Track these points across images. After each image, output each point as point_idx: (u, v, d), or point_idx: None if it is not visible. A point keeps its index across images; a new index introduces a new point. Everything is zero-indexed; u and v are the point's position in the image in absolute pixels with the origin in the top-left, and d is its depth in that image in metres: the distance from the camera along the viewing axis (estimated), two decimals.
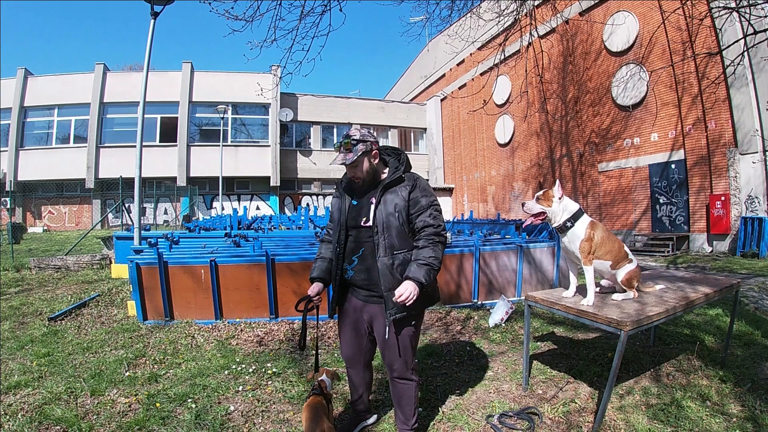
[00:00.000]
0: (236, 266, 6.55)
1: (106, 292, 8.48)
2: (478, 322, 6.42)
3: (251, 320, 6.48)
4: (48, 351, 5.34)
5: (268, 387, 4.30)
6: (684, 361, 4.54)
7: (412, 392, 3.08)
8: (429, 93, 31.99)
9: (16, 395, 4.12)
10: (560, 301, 3.74)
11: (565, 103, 19.86)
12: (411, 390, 3.08)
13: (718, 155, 13.88)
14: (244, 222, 13.86)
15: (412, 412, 3.10)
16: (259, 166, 26.90)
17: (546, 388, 4.20)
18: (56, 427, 3.51)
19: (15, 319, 6.88)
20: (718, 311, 6.24)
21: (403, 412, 3.10)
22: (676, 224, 15.43)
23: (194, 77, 26.48)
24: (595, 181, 18.45)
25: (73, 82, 25.56)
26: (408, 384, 3.07)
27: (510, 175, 23.86)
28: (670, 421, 3.43)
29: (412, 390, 3.08)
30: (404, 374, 3.05)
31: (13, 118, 25.07)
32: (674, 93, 15.01)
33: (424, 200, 2.90)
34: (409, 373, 3.06)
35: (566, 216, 3.59)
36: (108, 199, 25.03)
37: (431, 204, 2.92)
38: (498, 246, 7.69)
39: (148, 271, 6.41)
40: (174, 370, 4.75)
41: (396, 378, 3.07)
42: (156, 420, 3.61)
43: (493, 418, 3.57)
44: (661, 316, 3.42)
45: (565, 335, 5.71)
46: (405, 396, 3.08)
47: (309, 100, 28.92)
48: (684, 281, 4.29)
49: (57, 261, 11.64)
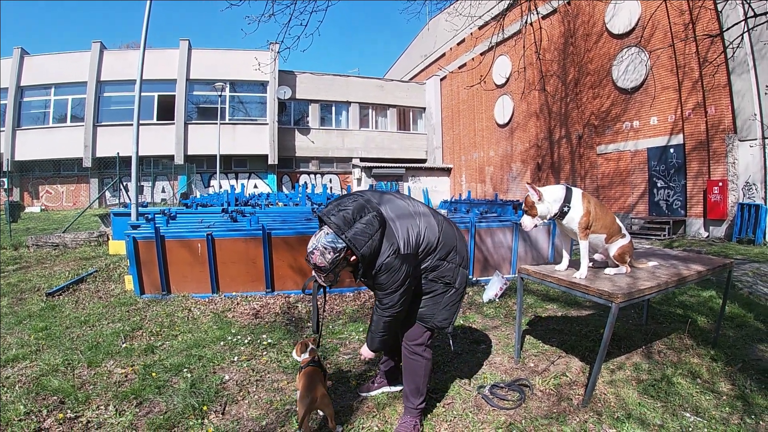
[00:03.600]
0: (233, 240, 6.58)
1: (103, 267, 8.53)
2: (472, 298, 6.47)
3: (247, 294, 6.54)
4: (46, 325, 5.39)
5: (263, 357, 4.36)
6: (676, 339, 4.59)
7: (421, 370, 3.07)
8: (429, 72, 31.72)
9: (14, 368, 4.16)
10: (552, 273, 3.77)
11: (565, 84, 19.74)
12: (419, 367, 3.07)
13: (717, 141, 13.82)
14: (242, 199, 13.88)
15: (418, 391, 3.09)
16: (257, 144, 26.83)
17: (538, 361, 4.25)
18: (53, 397, 3.56)
19: (13, 296, 6.90)
20: (712, 293, 6.27)
21: (409, 389, 3.10)
22: (673, 208, 15.43)
23: (191, 55, 26.26)
24: (594, 163, 18.42)
25: (70, 61, 25.37)
26: (417, 360, 3.08)
27: (508, 155, 23.81)
28: (660, 396, 3.48)
29: (420, 367, 3.07)
30: (414, 348, 3.07)
31: (9, 97, 24.94)
32: (675, 77, 14.90)
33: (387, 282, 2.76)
34: (420, 348, 3.08)
35: (558, 204, 3.58)
36: (105, 178, 24.96)
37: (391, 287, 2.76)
38: (494, 223, 7.72)
39: (145, 245, 6.44)
40: (170, 342, 4.80)
41: (407, 349, 3.09)
42: (152, 389, 3.66)
43: (485, 389, 3.62)
44: (653, 290, 3.46)
45: (559, 312, 5.77)
46: (412, 371, 3.08)
47: (307, 78, 28.71)
48: (677, 259, 4.31)
49: (55, 239, 11.63)
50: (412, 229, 2.80)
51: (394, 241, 2.71)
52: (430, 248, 2.89)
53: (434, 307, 3.00)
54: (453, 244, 3.01)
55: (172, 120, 25.73)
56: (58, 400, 3.51)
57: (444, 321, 3.06)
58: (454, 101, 28.91)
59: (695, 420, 3.15)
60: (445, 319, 3.06)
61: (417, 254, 2.82)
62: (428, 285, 2.99)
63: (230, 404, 3.49)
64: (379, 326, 2.93)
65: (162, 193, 25.79)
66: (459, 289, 3.05)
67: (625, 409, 3.33)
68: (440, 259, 2.95)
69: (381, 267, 2.68)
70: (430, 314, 3.01)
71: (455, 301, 3.07)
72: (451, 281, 3.00)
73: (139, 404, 3.47)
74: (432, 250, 2.90)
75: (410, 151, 31.28)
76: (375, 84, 30.80)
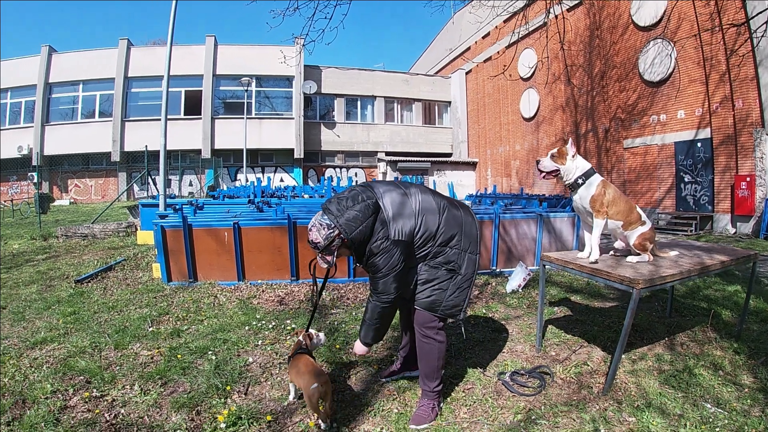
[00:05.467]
0: (259, 229, 6.69)
1: (131, 257, 8.71)
2: (495, 288, 6.46)
3: (272, 282, 6.63)
4: (74, 310, 5.53)
5: (287, 342, 4.43)
6: (699, 332, 4.52)
7: (434, 353, 3.10)
8: (454, 66, 31.54)
9: (42, 350, 4.29)
10: (575, 260, 3.75)
11: (591, 77, 19.46)
12: (432, 350, 3.10)
13: (744, 135, 13.50)
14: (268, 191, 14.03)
15: (434, 373, 3.12)
16: (283, 138, 27.01)
17: (559, 350, 4.24)
18: (80, 377, 3.66)
19: (42, 282, 7.08)
20: (737, 288, 6.14)
21: (425, 372, 3.14)
22: (700, 204, 15.12)
23: (218, 51, 26.52)
24: (620, 157, 18.15)
25: (98, 58, 25.84)
26: (430, 343, 3.10)
27: (534, 149, 23.58)
28: (681, 387, 3.44)
29: (433, 350, 3.10)
30: (427, 332, 3.09)
31: (38, 94, 25.53)
32: (701, 70, 14.58)
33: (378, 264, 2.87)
34: (432, 332, 3.09)
35: (578, 173, 3.60)
36: (133, 172, 25.37)
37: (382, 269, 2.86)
38: (518, 214, 7.68)
39: (173, 234, 6.57)
40: (196, 326, 4.91)
41: (420, 333, 3.12)
42: (177, 370, 3.76)
43: (505, 376, 3.63)
44: (675, 278, 3.42)
45: (581, 302, 5.72)
46: (426, 354, 3.11)
47: (333, 72, 28.78)
48: (701, 250, 4.24)
49: (84, 229, 11.90)
50: (408, 216, 2.88)
51: (386, 227, 2.82)
52: (429, 235, 2.94)
53: (442, 294, 3.01)
54: (457, 229, 3.02)
55: (199, 115, 26.06)
56: (84, 380, 3.61)
57: (454, 309, 3.07)
58: (480, 95, 28.71)
59: (715, 411, 3.11)
60: (455, 307, 3.06)
61: (411, 242, 2.89)
62: (432, 272, 3.01)
63: (253, 385, 3.57)
64: (374, 315, 2.98)
65: (189, 187, 26.15)
66: (465, 274, 3.05)
67: (645, 398, 3.30)
68: (442, 245, 2.97)
69: (371, 251, 2.82)
70: (439, 301, 3.01)
71: (463, 287, 3.07)
72: (456, 267, 3.01)
73: (164, 384, 3.57)
74: (431, 236, 2.94)
75: (435, 145, 31.12)
76: (400, 78, 30.69)
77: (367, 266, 2.92)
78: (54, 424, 2.99)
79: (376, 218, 2.83)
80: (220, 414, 3.05)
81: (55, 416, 3.07)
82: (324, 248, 2.79)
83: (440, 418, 3.11)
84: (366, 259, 2.88)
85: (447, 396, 3.37)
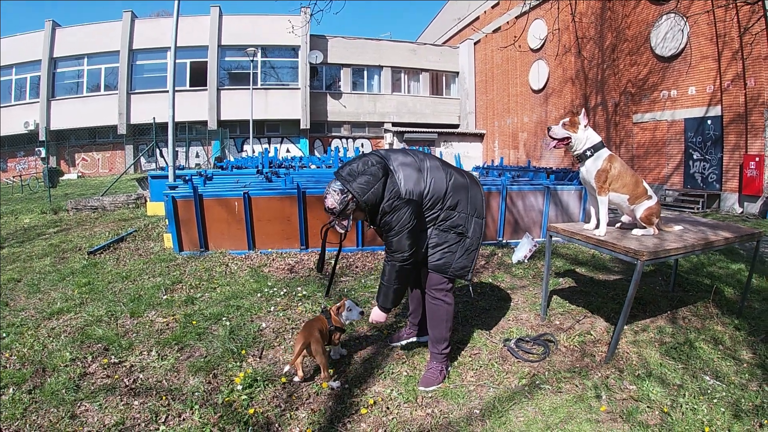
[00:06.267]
0: (268, 198, 6.78)
1: (142, 228, 8.83)
2: (501, 259, 6.55)
3: (282, 251, 6.75)
4: (88, 281, 5.63)
5: (298, 307, 4.57)
6: (701, 307, 4.60)
7: (443, 314, 3.20)
8: (462, 36, 31.03)
9: (59, 320, 4.40)
10: (581, 231, 3.82)
11: (602, 50, 19.15)
12: (441, 312, 3.20)
13: (755, 114, 13.32)
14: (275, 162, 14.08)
15: (442, 335, 3.23)
16: (289, 109, 26.87)
17: (563, 320, 4.35)
18: (98, 345, 3.78)
19: (55, 255, 7.16)
20: (741, 266, 6.17)
21: (433, 333, 3.25)
22: (708, 182, 15.02)
23: (222, 21, 26.23)
24: (629, 132, 17.99)
25: (102, 31, 25.64)
26: (439, 305, 3.20)
27: (543, 122, 23.38)
28: (682, 358, 3.54)
29: (442, 312, 3.20)
30: (436, 293, 3.20)
31: (43, 69, 25.45)
32: (714, 46, 14.31)
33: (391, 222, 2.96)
34: (441, 293, 3.20)
35: (588, 145, 3.63)
36: (140, 144, 25.28)
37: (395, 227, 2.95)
38: (525, 186, 7.72)
39: (183, 204, 6.66)
40: (209, 294, 5.04)
41: (430, 295, 3.22)
42: (192, 336, 3.89)
43: (510, 342, 3.74)
44: (679, 251, 3.49)
45: (586, 275, 5.80)
46: (436, 317, 3.22)
47: (339, 42, 28.44)
48: (706, 226, 4.26)
49: (93, 202, 11.98)
50: (417, 179, 2.99)
51: (396, 187, 2.94)
52: (437, 198, 3.04)
53: (451, 256, 3.12)
54: (464, 194, 3.13)
55: (205, 86, 25.93)
56: (102, 348, 3.73)
57: (463, 270, 3.18)
58: (488, 66, 28.37)
59: (714, 383, 3.20)
60: (464, 268, 3.18)
61: (420, 203, 2.99)
62: (442, 236, 3.12)
63: (267, 349, 3.70)
64: (391, 276, 3.05)
65: (196, 158, 26.14)
66: (473, 238, 3.17)
67: (646, 367, 3.40)
68: (450, 209, 3.08)
69: (383, 210, 2.93)
70: (449, 263, 3.13)
71: (471, 249, 3.18)
72: (464, 231, 3.13)
73: (181, 349, 3.69)
74: (439, 199, 3.05)
75: (443, 116, 30.87)
76: (407, 48, 30.29)
77: (381, 227, 3.03)
78: (75, 390, 3.10)
79: (386, 180, 2.94)
80: (237, 376, 3.18)
81: (75, 383, 3.18)
82: (340, 213, 2.89)
83: (448, 380, 3.23)
84: (379, 219, 2.99)
85: (454, 360, 3.49)
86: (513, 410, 2.91)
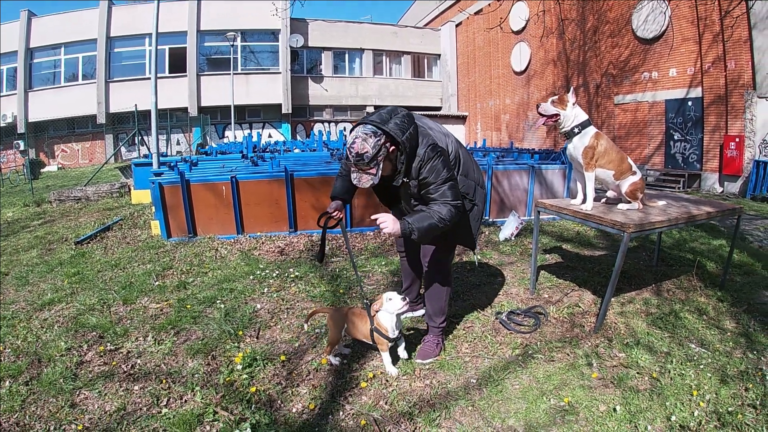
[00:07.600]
0: (256, 182, 6.78)
1: (128, 216, 8.74)
2: (488, 236, 6.64)
3: (272, 234, 6.77)
4: (77, 270, 5.58)
5: (291, 288, 4.61)
6: (685, 280, 4.71)
7: (444, 289, 3.24)
8: (444, 18, 30.88)
9: (51, 311, 4.37)
10: (568, 206, 3.91)
11: (583, 32, 19.23)
12: (443, 284, 3.24)
13: (735, 96, 13.53)
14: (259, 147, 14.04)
15: (441, 308, 3.27)
16: (270, 93, 26.62)
17: (552, 293, 4.45)
18: (92, 333, 3.78)
19: (42, 247, 7.06)
20: (722, 242, 6.31)
21: (432, 308, 3.29)
22: (689, 162, 15.27)
23: (201, 6, 25.77)
24: (611, 113, 18.15)
25: (78, 19, 25.10)
26: (439, 279, 3.23)
27: (525, 103, 23.49)
28: (668, 328, 3.66)
29: (444, 284, 3.24)
30: (437, 267, 3.22)
31: (19, 60, 24.90)
32: (695, 29, 14.45)
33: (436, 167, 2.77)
34: (443, 267, 3.24)
35: (576, 122, 3.69)
36: (120, 133, 24.97)
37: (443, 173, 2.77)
38: (510, 166, 7.80)
39: (170, 190, 6.63)
40: (201, 278, 5.05)
41: (430, 269, 3.23)
42: (188, 319, 3.92)
43: (502, 315, 3.83)
44: (664, 224, 3.60)
45: (572, 251, 5.91)
46: (435, 290, 3.25)
47: (320, 25, 28.17)
48: (688, 201, 4.35)
49: (76, 192, 11.80)
50: (443, 134, 2.98)
51: (430, 136, 2.83)
52: (456, 160, 2.98)
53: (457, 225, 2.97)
54: (471, 163, 3.15)
55: (185, 72, 25.55)
56: (97, 335, 3.73)
57: (467, 237, 3.21)
58: (470, 48, 28.31)
59: (700, 351, 3.32)
60: (469, 236, 3.21)
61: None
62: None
63: (264, 329, 3.75)
64: (423, 224, 2.70)
65: (177, 146, 25.86)
66: (480, 206, 3.19)
67: (634, 336, 3.52)
68: (463, 175, 3.04)
69: (423, 156, 2.73)
70: (453, 232, 3.03)
71: (477, 218, 3.21)
72: (473, 199, 3.13)
73: (177, 333, 3.72)
74: (457, 161, 3.00)
75: (425, 98, 30.83)
76: (389, 30, 30.11)
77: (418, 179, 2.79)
78: (72, 379, 3.11)
79: (417, 129, 2.80)
80: (236, 356, 3.22)
81: (72, 372, 3.19)
82: (371, 159, 2.59)
83: (444, 353, 3.31)
84: (417, 169, 2.76)
85: (449, 334, 3.57)
86: (508, 379, 3.01)
